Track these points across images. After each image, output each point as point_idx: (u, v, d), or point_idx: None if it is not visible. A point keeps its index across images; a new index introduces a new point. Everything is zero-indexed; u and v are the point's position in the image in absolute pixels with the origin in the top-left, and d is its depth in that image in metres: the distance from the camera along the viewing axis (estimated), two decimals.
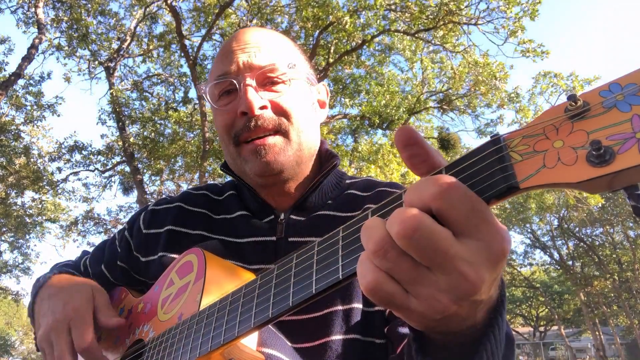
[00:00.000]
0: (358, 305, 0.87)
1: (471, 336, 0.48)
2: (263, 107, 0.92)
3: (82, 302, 0.92)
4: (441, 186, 0.39)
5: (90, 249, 1.24)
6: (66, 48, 12.92)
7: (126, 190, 16.15)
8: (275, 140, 0.93)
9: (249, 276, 0.85)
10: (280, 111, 0.94)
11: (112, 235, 1.19)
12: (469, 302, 0.42)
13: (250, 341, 0.76)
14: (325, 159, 1.05)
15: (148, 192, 13.88)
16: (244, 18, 11.40)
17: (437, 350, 0.51)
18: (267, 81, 0.95)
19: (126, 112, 13.18)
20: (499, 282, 0.48)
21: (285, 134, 0.94)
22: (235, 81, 0.93)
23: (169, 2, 10.43)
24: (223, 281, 0.83)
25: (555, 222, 27.00)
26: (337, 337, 0.85)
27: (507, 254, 0.41)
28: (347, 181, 1.08)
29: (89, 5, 12.34)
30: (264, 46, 0.97)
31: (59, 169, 15.28)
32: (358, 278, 0.45)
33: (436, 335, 0.49)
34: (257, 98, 0.91)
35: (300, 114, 0.97)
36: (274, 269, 0.64)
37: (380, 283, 0.42)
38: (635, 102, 0.36)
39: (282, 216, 0.98)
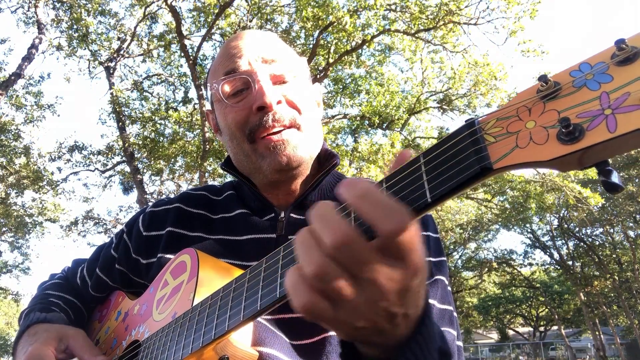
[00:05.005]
0: None
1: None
2: (279, 102, 0.92)
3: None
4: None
5: (81, 256, 1.26)
6: (66, 48, 12.94)
7: (126, 190, 16.17)
8: (291, 134, 0.92)
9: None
10: (292, 105, 0.94)
11: (110, 237, 1.19)
12: (386, 313, 0.48)
13: (244, 338, 0.76)
14: (325, 158, 1.05)
15: (148, 192, 13.88)
16: (244, 18, 11.40)
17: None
18: (276, 79, 0.95)
19: (126, 112, 13.18)
20: (420, 303, 0.52)
21: (299, 127, 0.94)
22: (249, 78, 0.92)
23: (169, 2, 10.44)
24: (216, 279, 0.83)
25: (555, 222, 26.98)
26: None
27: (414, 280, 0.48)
28: None
29: (89, 5, 12.35)
30: (270, 45, 0.98)
31: (59, 169, 15.32)
32: (292, 297, 0.47)
33: (361, 346, 0.55)
34: (274, 92, 0.91)
35: (309, 108, 0.98)
36: (262, 262, 0.65)
37: (314, 303, 0.46)
38: (604, 80, 0.36)
39: (282, 214, 0.98)
